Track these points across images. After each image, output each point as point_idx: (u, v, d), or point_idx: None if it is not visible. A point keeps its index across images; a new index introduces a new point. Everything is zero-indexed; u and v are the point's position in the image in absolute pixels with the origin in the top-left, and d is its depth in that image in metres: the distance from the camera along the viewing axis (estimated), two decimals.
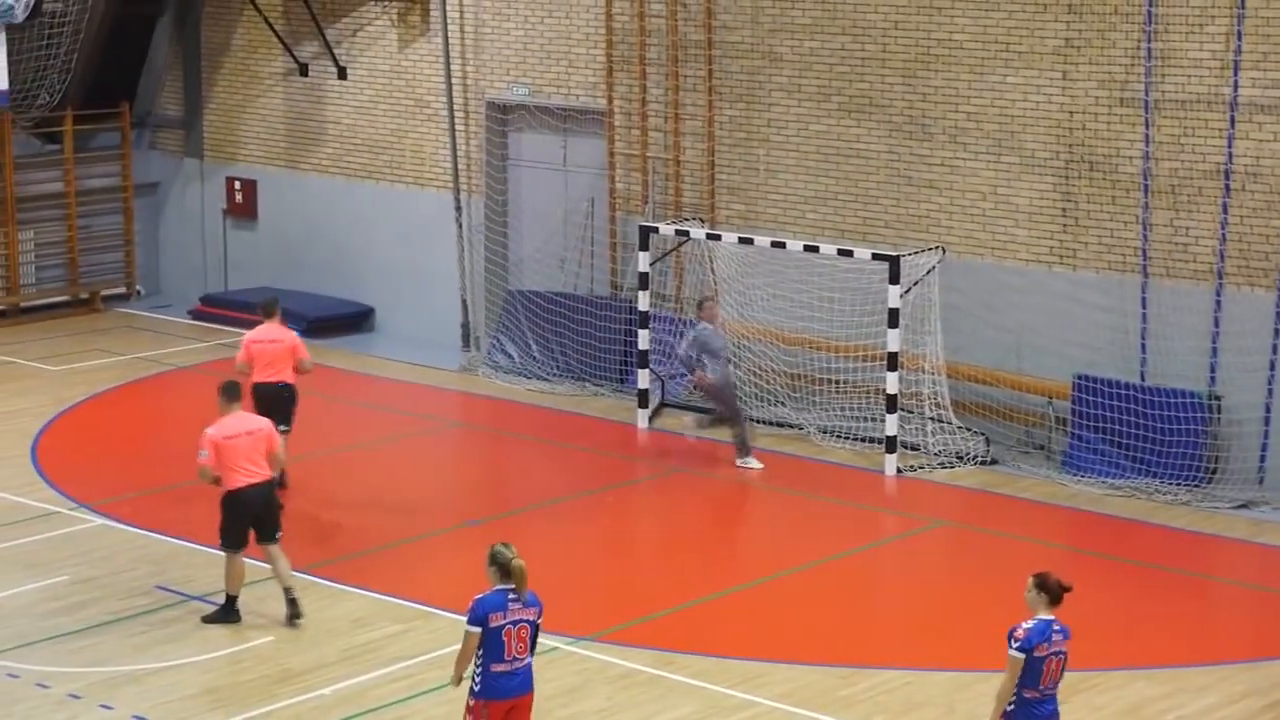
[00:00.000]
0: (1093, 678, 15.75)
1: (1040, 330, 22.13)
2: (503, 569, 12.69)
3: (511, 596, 12.64)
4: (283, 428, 19.38)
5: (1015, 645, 12.07)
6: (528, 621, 12.69)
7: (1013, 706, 12.18)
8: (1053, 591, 12.25)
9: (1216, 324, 20.88)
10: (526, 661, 12.73)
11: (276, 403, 20.06)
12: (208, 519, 19.75)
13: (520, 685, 12.72)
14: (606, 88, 25.47)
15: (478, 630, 12.55)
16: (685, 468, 21.96)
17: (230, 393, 17.03)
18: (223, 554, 16.98)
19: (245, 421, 16.92)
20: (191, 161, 30.66)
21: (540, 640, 16.17)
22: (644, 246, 23.66)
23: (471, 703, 12.68)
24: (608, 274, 25.67)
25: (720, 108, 24.51)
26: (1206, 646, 16.70)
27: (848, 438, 22.64)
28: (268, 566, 17.03)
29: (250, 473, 16.73)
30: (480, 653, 12.57)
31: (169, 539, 19.06)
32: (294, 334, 20.88)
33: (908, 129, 22.96)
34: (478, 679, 12.62)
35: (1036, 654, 12.08)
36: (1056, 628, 12.22)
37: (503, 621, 12.56)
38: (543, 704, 15.11)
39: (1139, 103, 21.21)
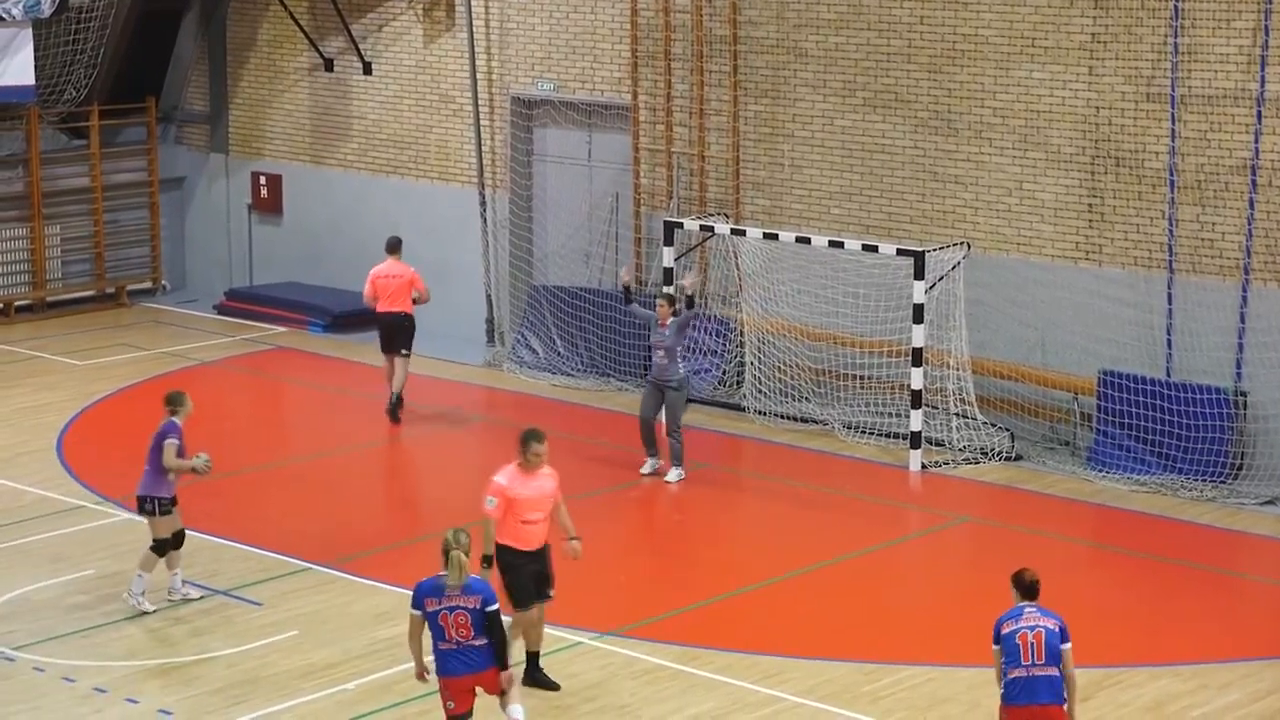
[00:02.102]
0: (1117, 674, 15.73)
1: (1065, 326, 22.09)
2: (444, 556, 13.12)
3: (450, 583, 13.00)
4: (404, 351, 23.42)
5: (992, 640, 12.80)
6: (466, 609, 12.99)
7: (1005, 688, 12.64)
8: (1023, 586, 12.92)
9: (1242, 320, 20.82)
10: (477, 643, 13.05)
11: (398, 331, 23.51)
12: (232, 514, 19.88)
13: (475, 664, 13.09)
14: (631, 83, 25.46)
15: (417, 613, 13.17)
16: (710, 463, 21.95)
17: (537, 437, 15.28)
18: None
19: (541, 477, 15.26)
20: (217, 156, 30.72)
21: (563, 635, 16.29)
22: (668, 242, 23.66)
23: (438, 682, 13.24)
24: (632, 269, 25.64)
25: (745, 103, 24.49)
26: (1231, 643, 16.65)
27: (872, 433, 22.61)
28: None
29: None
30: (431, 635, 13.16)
31: (194, 533, 19.05)
32: (412, 269, 23.74)
33: (933, 124, 22.93)
34: (434, 659, 13.18)
35: (1004, 631, 12.67)
36: (1030, 609, 12.76)
37: (438, 607, 13.04)
38: (567, 699, 15.17)
39: (1165, 98, 21.15)
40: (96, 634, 16.62)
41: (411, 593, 13.23)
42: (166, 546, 17.11)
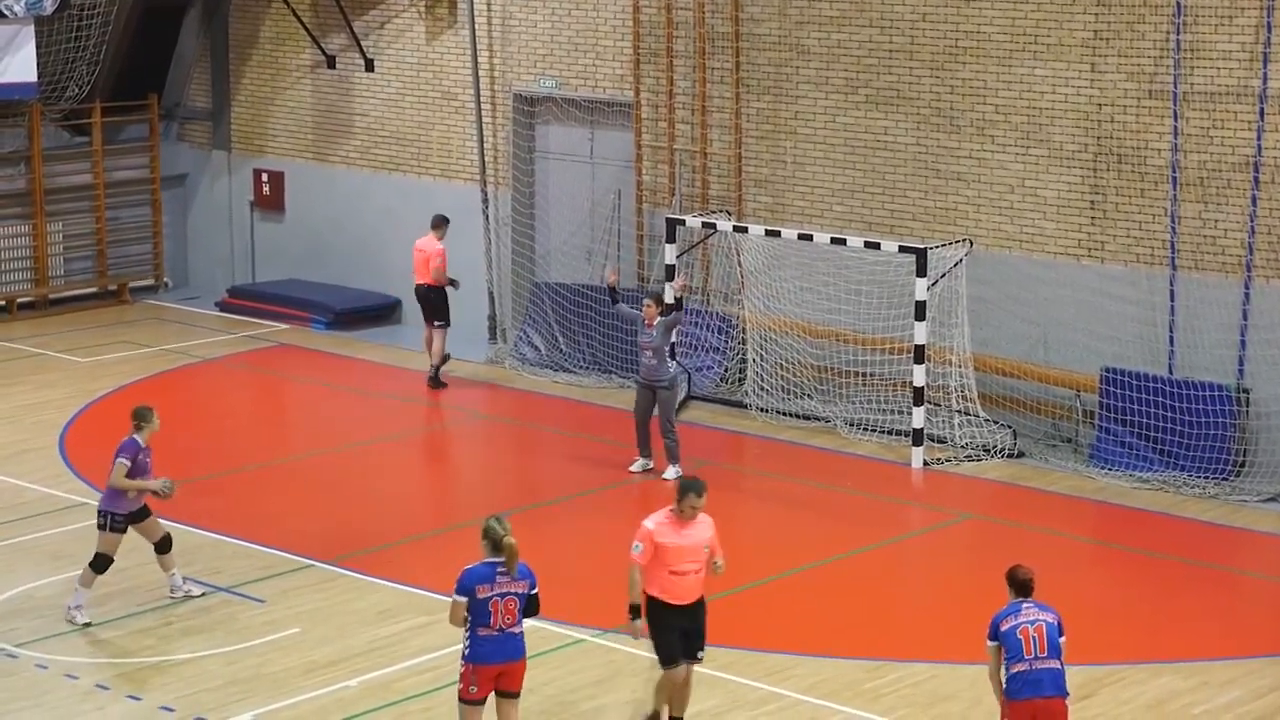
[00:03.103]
0: (1119, 671, 15.73)
1: (1068, 323, 22.08)
2: (494, 544, 13.07)
3: (500, 570, 13.02)
4: (436, 323, 25.05)
5: (988, 637, 12.83)
6: (516, 594, 13.06)
7: (1007, 683, 12.68)
8: (1017, 583, 12.95)
9: (1245, 316, 20.82)
10: (516, 630, 13.10)
11: (422, 302, 25.28)
12: (234, 511, 19.89)
13: (509, 652, 13.10)
14: (634, 80, 25.46)
15: (464, 600, 13.03)
16: (712, 460, 21.93)
17: (680, 487, 14.11)
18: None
19: (695, 526, 14.00)
20: (219, 154, 30.72)
21: (565, 632, 16.30)
22: (671, 239, 23.66)
23: (462, 667, 13.14)
24: (634, 266, 25.66)
25: (747, 100, 24.48)
26: (1233, 640, 16.65)
27: (875, 430, 22.61)
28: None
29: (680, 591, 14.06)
30: (469, 619, 13.01)
31: (196, 530, 19.09)
32: (437, 247, 25.14)
33: (935, 121, 22.92)
34: (466, 643, 13.08)
35: (1003, 628, 12.70)
36: (1027, 604, 12.81)
37: (490, 593, 13.00)
38: (570, 695, 15.16)
39: (1168, 95, 21.14)
40: (99, 631, 16.62)
41: (458, 579, 13.07)
42: (107, 565, 16.86)
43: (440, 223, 25.27)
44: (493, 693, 13.17)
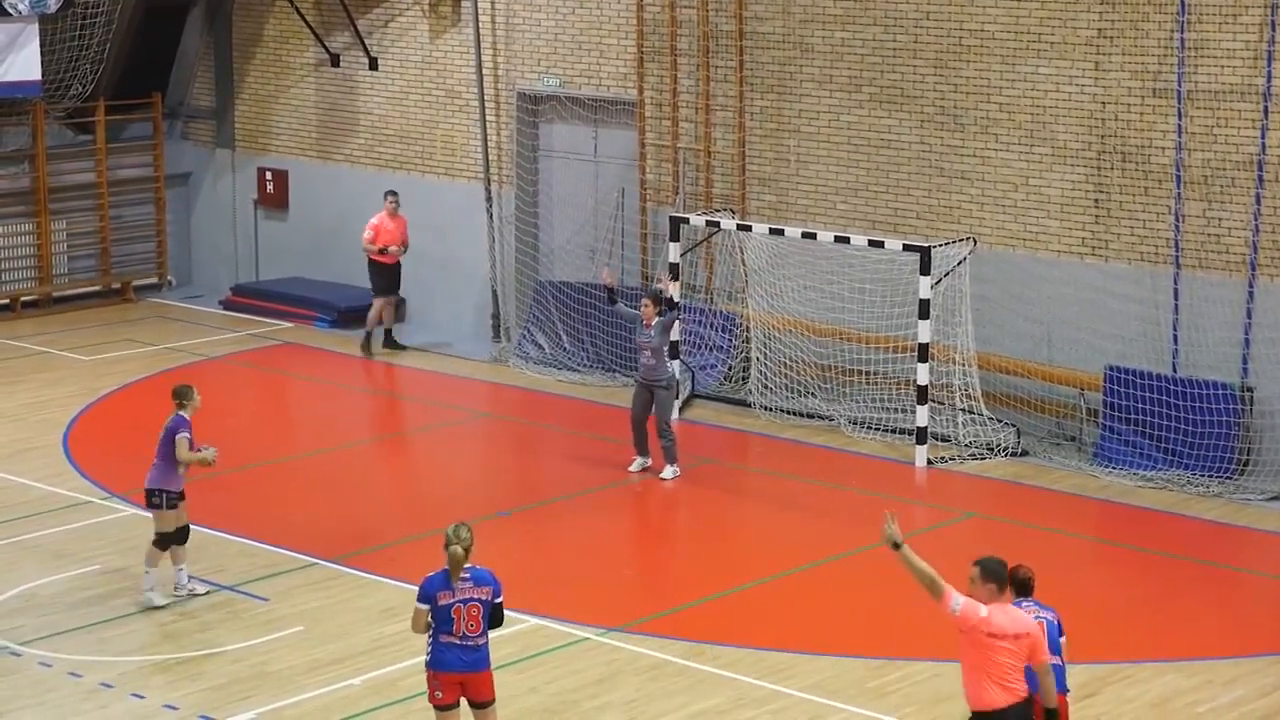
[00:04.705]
0: (1123, 670, 15.73)
1: (1072, 321, 22.07)
2: (446, 551, 13.03)
3: (463, 576, 12.95)
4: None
5: None
6: (479, 601, 12.99)
7: None
8: (1018, 583, 12.91)
9: (1249, 315, 20.80)
10: (480, 641, 13.04)
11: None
12: (237, 509, 19.89)
13: (472, 662, 13.04)
14: (637, 78, 25.45)
15: (425, 607, 13.01)
16: (715, 459, 21.94)
17: (999, 574, 12.76)
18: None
19: (1017, 621, 12.52)
20: (223, 152, 30.73)
21: (568, 630, 16.29)
22: (674, 237, 23.65)
23: (426, 673, 13.13)
24: (638, 265, 25.66)
25: (751, 98, 24.48)
26: (1237, 639, 16.63)
27: (878, 429, 22.60)
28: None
29: (1008, 689, 12.48)
30: (432, 626, 13.00)
31: (200, 529, 19.03)
32: (372, 220, 26.69)
33: (939, 120, 22.91)
34: (429, 649, 13.07)
35: None
36: (1028, 603, 12.78)
37: (451, 600, 12.97)
38: (572, 695, 15.16)
39: (1172, 93, 21.13)
40: (102, 629, 16.63)
41: (419, 586, 13.10)
42: (169, 541, 17.11)
43: (389, 196, 26.70)
44: (467, 703, 13.14)
